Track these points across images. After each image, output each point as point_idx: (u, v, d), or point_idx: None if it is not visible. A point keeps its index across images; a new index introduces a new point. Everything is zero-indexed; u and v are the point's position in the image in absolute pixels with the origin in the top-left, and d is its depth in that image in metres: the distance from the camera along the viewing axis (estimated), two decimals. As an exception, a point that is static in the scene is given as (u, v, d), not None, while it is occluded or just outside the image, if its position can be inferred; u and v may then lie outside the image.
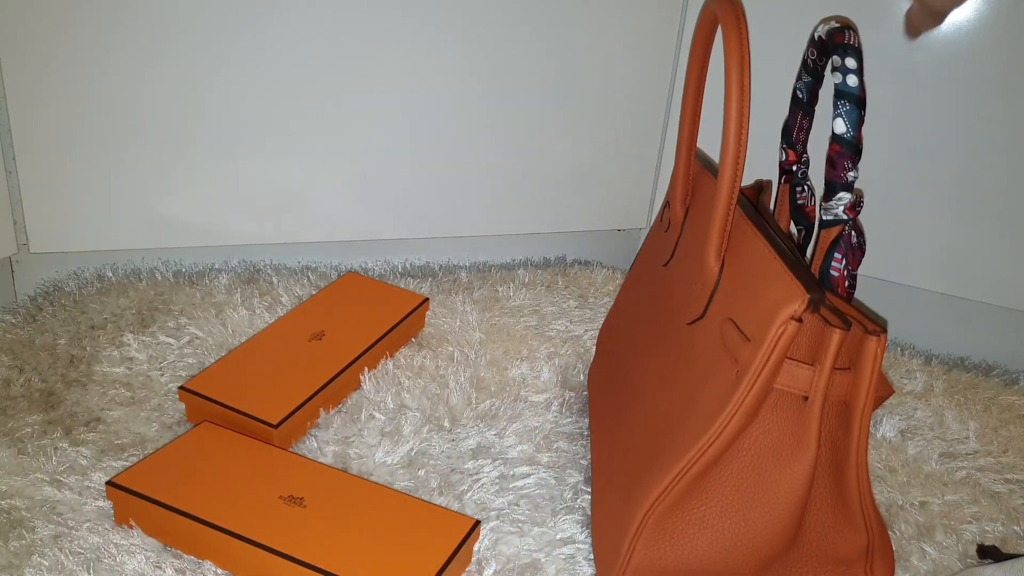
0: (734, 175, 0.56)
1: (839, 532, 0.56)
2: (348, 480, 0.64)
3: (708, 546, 0.56)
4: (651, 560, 0.57)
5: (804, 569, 0.57)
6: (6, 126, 0.85)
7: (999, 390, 0.91)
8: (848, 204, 0.57)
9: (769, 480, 0.54)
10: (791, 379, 0.52)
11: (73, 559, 0.58)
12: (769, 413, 0.53)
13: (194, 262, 0.97)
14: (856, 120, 0.56)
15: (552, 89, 1.01)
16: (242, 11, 0.88)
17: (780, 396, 0.53)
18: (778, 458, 0.54)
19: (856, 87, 0.56)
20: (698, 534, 0.56)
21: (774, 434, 0.54)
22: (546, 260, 1.11)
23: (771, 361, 0.52)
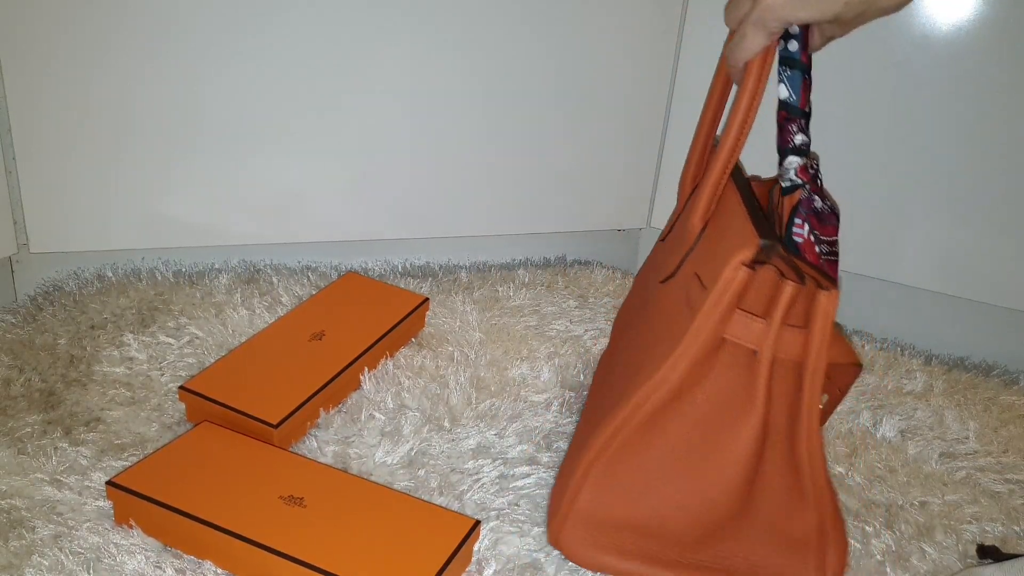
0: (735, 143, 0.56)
1: (791, 505, 0.55)
2: (348, 480, 0.64)
3: (656, 502, 0.56)
4: (596, 508, 0.57)
5: (753, 541, 0.56)
6: (6, 126, 0.85)
7: (999, 390, 0.91)
8: (799, 167, 0.57)
9: (718, 438, 0.54)
10: (743, 331, 0.52)
11: (73, 559, 0.58)
12: (722, 367, 0.53)
13: (194, 262, 0.97)
14: (799, 84, 0.56)
15: (552, 89, 1.01)
16: (242, 11, 0.88)
17: (734, 350, 0.53)
18: (728, 414, 0.53)
19: (797, 51, 0.56)
20: (646, 487, 0.56)
21: (725, 389, 0.53)
22: (546, 260, 1.11)
23: (721, 306, 0.51)
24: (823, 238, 0.56)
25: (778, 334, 0.51)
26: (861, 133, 0.96)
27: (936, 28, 0.89)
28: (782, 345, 0.52)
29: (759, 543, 0.56)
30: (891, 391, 0.89)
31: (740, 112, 0.56)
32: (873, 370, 0.92)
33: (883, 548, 0.67)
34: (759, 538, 0.56)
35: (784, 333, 0.51)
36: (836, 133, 0.97)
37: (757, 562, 0.56)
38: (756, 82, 0.56)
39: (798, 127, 0.57)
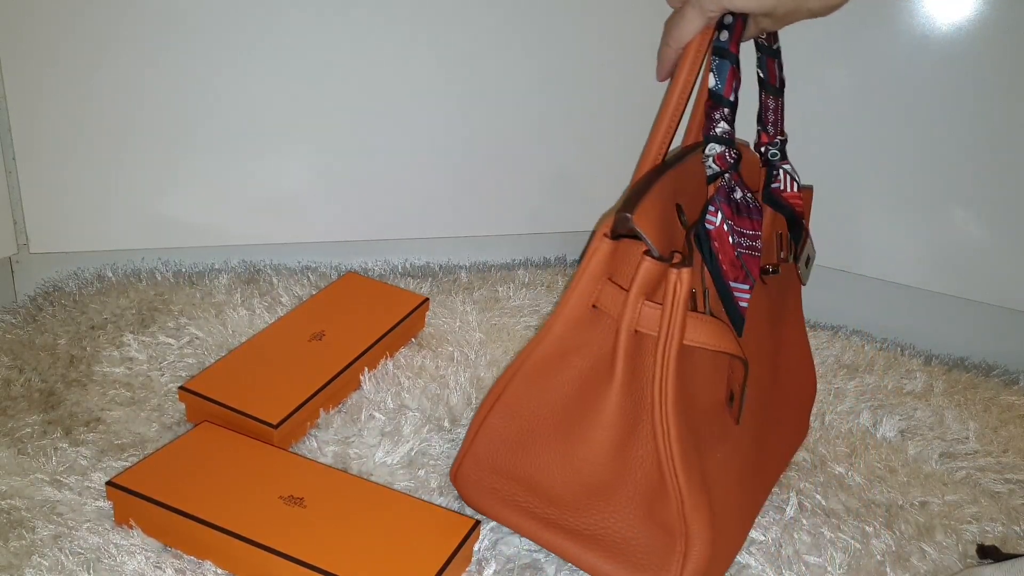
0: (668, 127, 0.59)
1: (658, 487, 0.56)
2: (348, 480, 0.64)
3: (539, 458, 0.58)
4: (489, 454, 0.60)
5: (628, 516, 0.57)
6: (6, 126, 0.85)
7: (999, 390, 0.91)
8: (716, 155, 0.57)
9: (590, 403, 0.56)
10: (609, 301, 0.54)
11: (73, 559, 0.58)
12: (599, 336, 0.55)
13: (194, 262, 0.97)
14: (726, 74, 0.57)
15: (553, 89, 1.01)
16: (243, 11, 0.88)
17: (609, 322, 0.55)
18: (598, 383, 0.55)
19: (727, 42, 0.57)
20: (531, 442, 0.58)
21: (600, 358, 0.55)
22: (546, 260, 1.11)
23: (585, 274, 0.54)
24: (739, 229, 0.56)
25: (635, 307, 0.53)
26: (861, 133, 0.96)
27: (936, 28, 0.89)
28: (643, 320, 0.53)
29: (634, 518, 0.56)
30: (891, 391, 0.89)
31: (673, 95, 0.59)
32: (873, 370, 0.92)
33: (883, 548, 0.67)
34: (633, 513, 0.56)
35: (644, 308, 0.53)
36: (836, 133, 0.97)
37: (630, 537, 0.56)
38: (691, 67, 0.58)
39: (721, 116, 0.57)
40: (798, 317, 0.74)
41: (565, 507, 0.58)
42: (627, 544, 0.57)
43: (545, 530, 0.60)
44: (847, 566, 0.65)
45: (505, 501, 0.61)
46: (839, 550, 0.66)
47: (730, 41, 0.57)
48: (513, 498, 0.61)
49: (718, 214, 0.56)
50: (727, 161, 0.57)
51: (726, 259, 0.56)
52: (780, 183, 0.66)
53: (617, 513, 0.57)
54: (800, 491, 0.72)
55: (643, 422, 0.55)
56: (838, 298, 1.03)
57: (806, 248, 0.69)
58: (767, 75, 0.65)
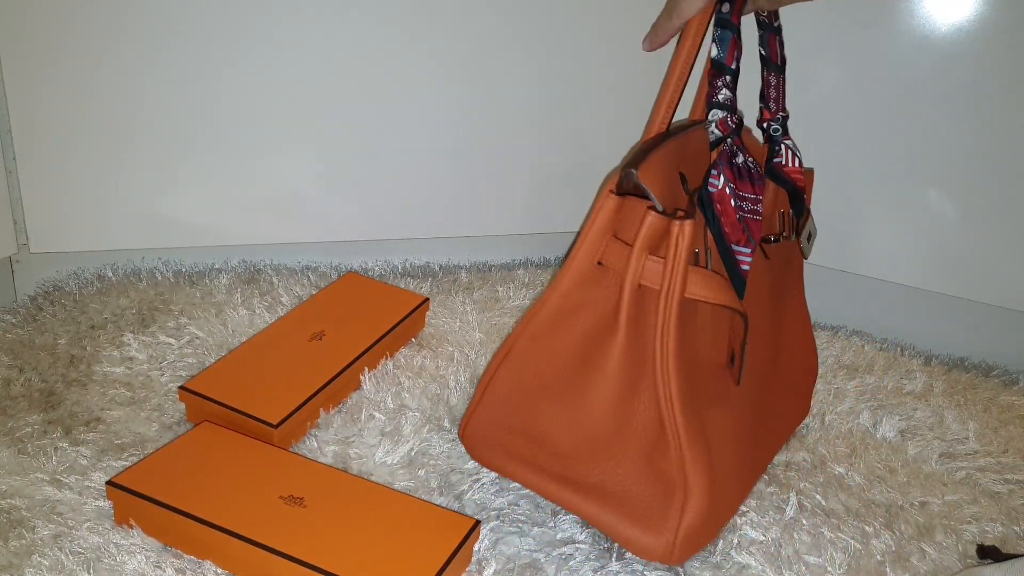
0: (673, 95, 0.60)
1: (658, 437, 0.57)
2: (348, 480, 0.64)
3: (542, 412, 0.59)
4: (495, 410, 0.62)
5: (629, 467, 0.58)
6: (6, 126, 0.85)
7: (999, 390, 0.91)
8: (719, 120, 0.59)
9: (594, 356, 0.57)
10: (614, 257, 0.55)
11: (73, 559, 0.58)
12: (604, 292, 0.56)
13: (194, 262, 0.97)
14: (728, 43, 0.59)
15: (552, 90, 1.01)
16: (243, 12, 0.88)
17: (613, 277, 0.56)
18: (602, 336, 0.56)
19: (728, 13, 0.59)
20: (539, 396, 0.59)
21: (603, 311, 0.56)
22: (546, 260, 1.11)
23: (593, 229, 0.55)
24: (741, 193, 0.58)
25: (640, 260, 0.54)
26: (861, 133, 0.96)
27: (937, 28, 0.89)
28: (646, 273, 0.54)
29: (634, 470, 0.58)
30: (891, 391, 0.89)
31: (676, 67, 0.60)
32: (873, 370, 0.92)
33: (883, 548, 0.67)
34: (634, 465, 0.58)
35: (648, 262, 0.54)
36: (836, 133, 0.97)
37: (629, 488, 0.58)
38: (693, 39, 0.60)
39: (723, 83, 0.59)
40: (799, 293, 0.75)
41: (569, 459, 0.59)
42: (628, 495, 0.58)
43: (550, 482, 0.61)
44: (847, 566, 0.65)
45: (511, 455, 0.62)
46: (839, 550, 0.66)
47: (731, 12, 0.59)
48: (519, 452, 0.62)
49: (720, 177, 0.57)
50: (728, 126, 0.59)
51: (728, 221, 0.57)
52: (782, 158, 0.67)
53: (619, 465, 0.58)
54: (800, 491, 0.72)
55: (645, 376, 0.56)
56: (838, 298, 1.03)
57: (807, 225, 0.70)
58: (768, 52, 0.66)
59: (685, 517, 0.57)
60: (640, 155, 0.55)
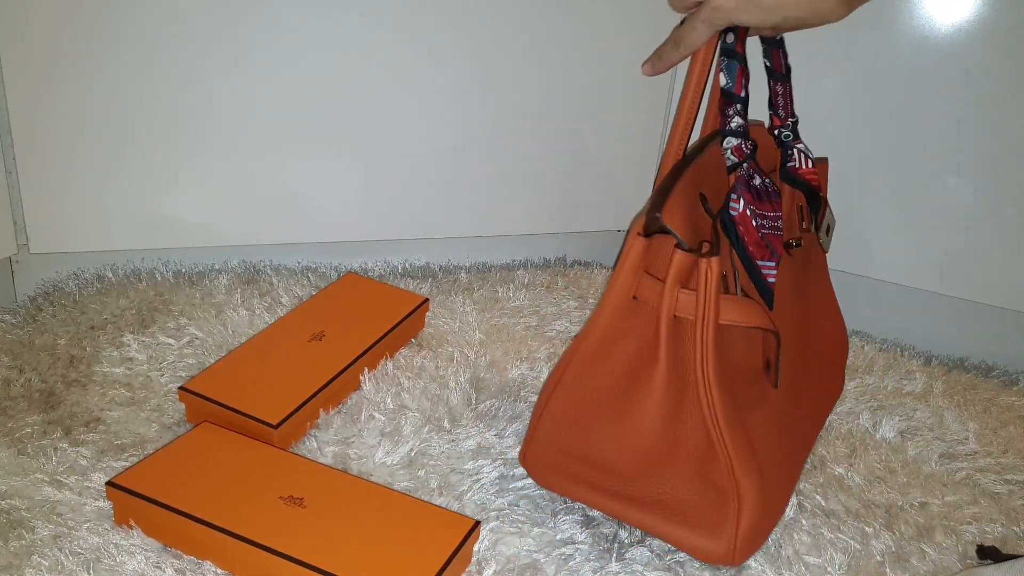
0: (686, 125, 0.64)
1: (709, 451, 0.61)
2: (348, 480, 0.64)
3: (595, 436, 0.63)
4: (552, 435, 0.65)
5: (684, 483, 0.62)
6: (6, 126, 0.85)
7: (999, 391, 0.91)
8: (734, 147, 0.62)
9: (636, 384, 0.61)
10: (648, 292, 0.59)
11: (73, 559, 0.58)
12: (642, 323, 0.60)
13: (194, 262, 0.97)
14: (736, 73, 0.62)
15: (552, 89, 1.01)
16: (243, 12, 0.88)
17: (650, 310, 0.60)
18: (643, 365, 0.60)
19: (733, 43, 0.62)
20: (590, 421, 0.63)
21: (642, 342, 0.61)
22: (546, 261, 1.11)
23: (624, 269, 0.60)
24: (761, 213, 0.62)
25: (672, 296, 0.58)
26: (861, 133, 0.96)
27: (936, 28, 0.90)
28: (680, 306, 0.58)
29: (687, 482, 0.62)
30: (891, 391, 0.89)
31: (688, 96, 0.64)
32: (873, 370, 0.92)
33: (883, 549, 0.67)
34: (687, 478, 0.62)
35: (681, 295, 0.58)
36: (837, 133, 0.97)
37: (687, 499, 0.62)
38: (701, 68, 0.63)
39: (734, 111, 0.62)
40: (825, 281, 0.80)
41: (625, 478, 0.63)
42: (685, 506, 0.62)
43: (610, 500, 0.64)
44: (847, 567, 0.65)
45: (571, 477, 0.66)
46: (839, 551, 0.66)
47: (736, 42, 0.62)
48: (578, 473, 0.65)
49: (740, 201, 0.61)
50: (744, 152, 0.62)
51: (751, 240, 0.61)
52: (795, 161, 0.71)
53: (674, 479, 0.62)
54: (800, 491, 0.72)
55: (689, 396, 0.60)
56: (839, 298, 1.03)
57: (826, 218, 0.74)
58: (773, 64, 0.70)
59: (742, 520, 0.61)
60: (661, 197, 0.58)
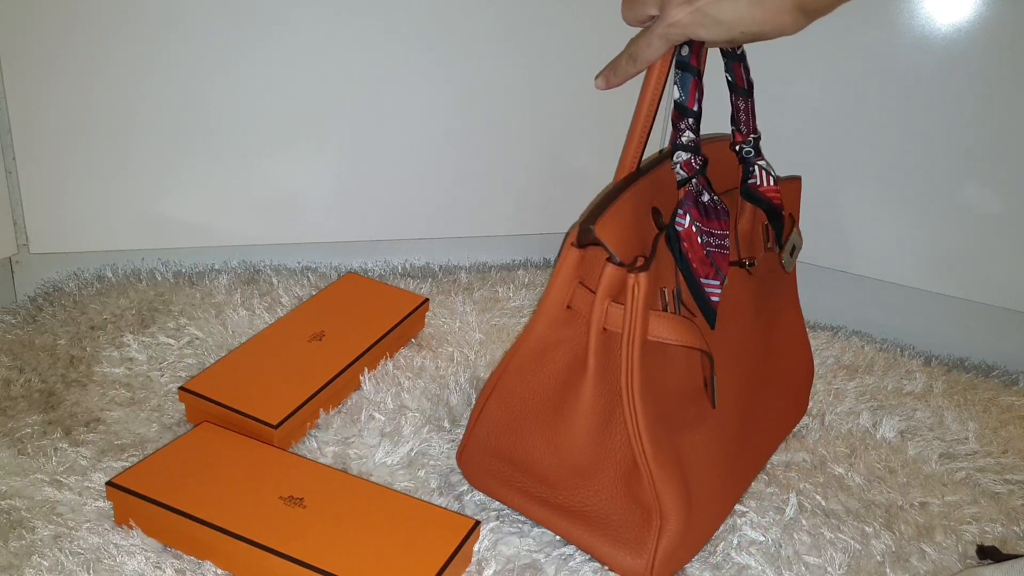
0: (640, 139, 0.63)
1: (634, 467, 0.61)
2: (348, 480, 0.64)
3: (526, 442, 0.64)
4: (488, 439, 0.66)
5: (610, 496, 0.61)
6: (6, 126, 0.85)
7: (999, 391, 0.91)
8: (683, 162, 0.61)
9: (566, 394, 0.61)
10: (580, 302, 0.60)
11: (73, 559, 0.58)
12: (575, 333, 0.60)
13: (194, 262, 0.97)
14: (689, 85, 0.61)
15: (552, 89, 1.01)
16: (243, 12, 0.88)
17: (582, 319, 0.60)
18: (575, 375, 0.61)
19: (688, 56, 0.61)
20: (523, 428, 0.63)
21: (574, 352, 0.60)
22: (546, 260, 1.11)
23: (558, 278, 0.60)
24: (706, 230, 0.61)
25: (601, 308, 0.58)
26: (861, 133, 0.96)
27: (936, 28, 0.90)
28: (610, 319, 0.58)
29: (612, 496, 0.62)
30: (891, 391, 0.89)
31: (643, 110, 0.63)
32: (873, 370, 0.92)
33: (883, 549, 0.67)
34: (614, 491, 0.61)
35: (611, 309, 0.58)
36: (836, 133, 0.97)
37: (611, 513, 0.62)
38: (656, 81, 0.63)
39: (686, 126, 0.61)
40: (793, 304, 0.79)
41: (554, 486, 0.63)
42: (609, 519, 0.62)
43: (537, 507, 0.65)
44: (847, 566, 0.65)
45: (502, 481, 0.66)
46: (839, 550, 0.66)
47: (691, 55, 0.61)
48: (508, 478, 0.66)
49: (687, 216, 0.60)
50: (693, 167, 0.61)
51: (695, 257, 0.60)
52: (756, 179, 0.70)
53: (600, 492, 0.62)
54: (800, 491, 0.72)
55: (616, 411, 0.60)
56: (838, 298, 1.03)
57: (791, 238, 0.73)
58: (735, 78, 0.69)
59: (662, 539, 0.60)
60: (598, 209, 0.59)
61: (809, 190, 1.00)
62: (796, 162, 1.00)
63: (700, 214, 0.60)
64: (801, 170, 1.00)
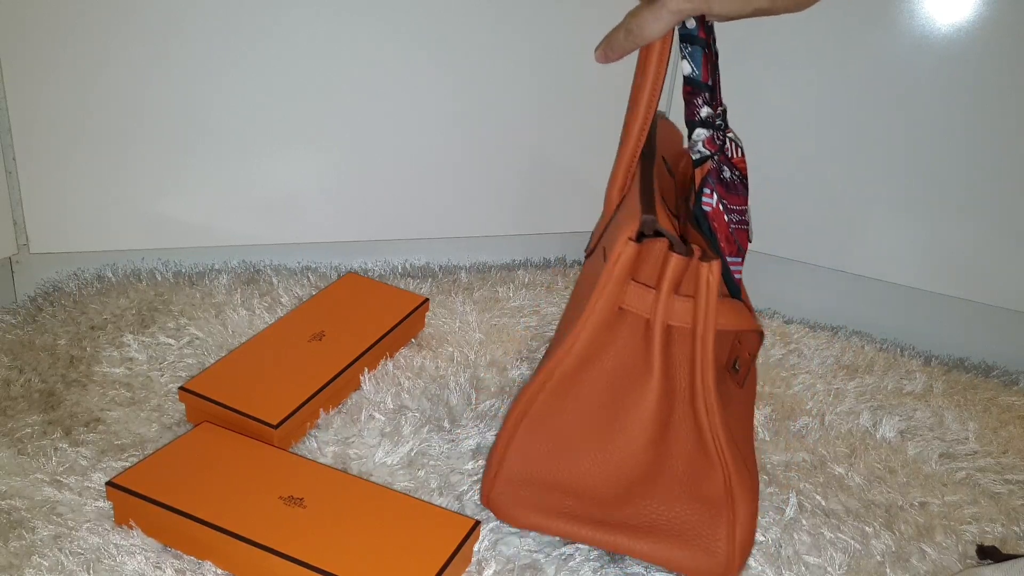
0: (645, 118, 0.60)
1: (700, 465, 0.58)
2: (348, 480, 0.64)
3: (575, 462, 0.59)
4: (521, 469, 0.61)
5: (670, 499, 0.59)
6: (6, 126, 0.85)
7: (999, 390, 0.91)
8: (706, 139, 0.59)
9: (624, 401, 0.57)
10: (637, 301, 0.55)
11: (73, 559, 0.58)
12: (625, 336, 0.57)
13: (194, 262, 0.97)
14: (700, 59, 0.59)
15: (553, 89, 1.01)
16: (243, 12, 0.88)
17: (635, 320, 0.56)
18: (631, 380, 0.57)
19: (695, 28, 0.58)
20: (566, 449, 0.59)
21: (628, 357, 0.57)
22: (546, 260, 1.11)
23: (613, 278, 0.55)
24: (731, 207, 0.59)
25: (668, 303, 0.54)
26: (861, 133, 0.96)
27: (936, 28, 0.90)
28: (674, 314, 0.55)
29: (675, 500, 0.59)
30: (891, 391, 0.89)
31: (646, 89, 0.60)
32: (873, 370, 0.92)
33: (883, 548, 0.67)
34: (675, 495, 0.59)
35: (675, 303, 0.54)
36: (836, 133, 0.97)
37: (673, 517, 0.59)
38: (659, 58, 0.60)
39: (703, 100, 0.59)
40: None
41: (607, 503, 0.60)
42: (673, 524, 0.59)
43: (592, 529, 0.60)
44: (847, 566, 0.65)
45: (545, 510, 0.61)
46: (839, 550, 0.66)
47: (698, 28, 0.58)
48: (553, 505, 0.61)
49: (713, 195, 0.58)
50: (715, 143, 0.59)
51: (722, 236, 0.58)
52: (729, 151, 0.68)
53: (658, 498, 0.59)
54: (800, 491, 0.72)
55: (677, 409, 0.57)
56: (838, 298, 1.03)
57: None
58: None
59: (737, 528, 0.58)
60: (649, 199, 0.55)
61: (809, 190, 1.01)
62: (796, 161, 1.00)
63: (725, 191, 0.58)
64: (801, 169, 1.00)
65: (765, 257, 1.03)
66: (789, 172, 1.00)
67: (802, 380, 0.89)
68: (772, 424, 0.81)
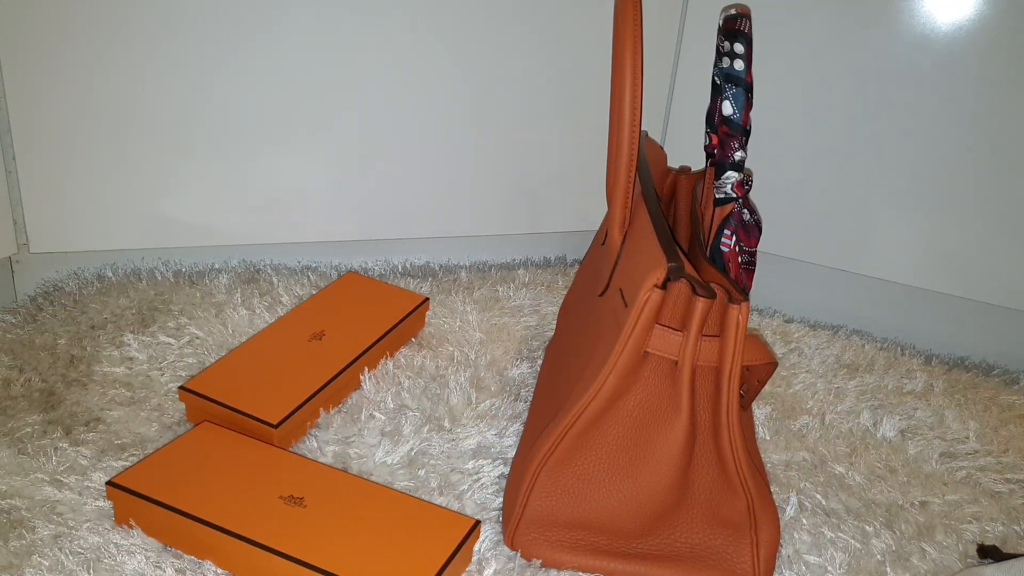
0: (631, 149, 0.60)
1: (722, 493, 0.60)
2: (348, 480, 0.64)
3: (599, 500, 0.60)
4: (544, 511, 0.61)
5: (693, 527, 0.60)
6: (6, 126, 0.85)
7: (999, 390, 0.91)
8: (736, 183, 0.60)
9: (650, 440, 0.59)
10: (663, 344, 0.57)
11: (73, 559, 0.58)
12: (648, 377, 0.58)
13: (194, 262, 0.97)
14: (743, 103, 0.59)
15: (552, 89, 1.01)
16: (243, 12, 0.88)
17: (658, 361, 0.57)
18: (656, 419, 0.58)
19: (742, 71, 0.59)
20: (589, 488, 0.60)
21: (652, 397, 0.58)
22: (546, 260, 1.11)
23: (639, 324, 0.56)
24: (745, 248, 0.61)
25: (696, 346, 0.56)
26: (861, 133, 0.96)
27: (936, 28, 0.89)
28: (700, 354, 0.56)
29: (699, 529, 0.61)
30: (891, 391, 0.89)
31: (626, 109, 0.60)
32: (873, 370, 0.92)
33: (883, 548, 0.67)
34: (699, 524, 0.60)
35: (701, 343, 0.56)
36: (836, 133, 0.97)
37: (698, 544, 0.61)
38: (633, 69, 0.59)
39: (739, 144, 0.60)
40: None
41: (632, 536, 0.61)
42: (696, 550, 0.61)
43: (618, 562, 0.61)
44: (847, 566, 0.65)
45: (569, 547, 0.62)
46: (839, 550, 0.66)
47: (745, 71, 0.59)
48: (577, 541, 0.62)
49: (732, 237, 0.60)
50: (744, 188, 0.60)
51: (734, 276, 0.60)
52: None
53: (682, 527, 0.60)
54: (800, 491, 0.72)
55: (699, 442, 0.59)
56: (838, 298, 1.03)
57: None
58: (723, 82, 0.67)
59: (761, 549, 0.60)
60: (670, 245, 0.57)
61: (810, 189, 1.01)
62: (796, 161, 1.00)
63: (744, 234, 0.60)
64: (801, 169, 1.00)
65: (765, 256, 1.03)
66: (789, 171, 1.00)
67: (802, 379, 0.89)
68: (772, 423, 0.81)
